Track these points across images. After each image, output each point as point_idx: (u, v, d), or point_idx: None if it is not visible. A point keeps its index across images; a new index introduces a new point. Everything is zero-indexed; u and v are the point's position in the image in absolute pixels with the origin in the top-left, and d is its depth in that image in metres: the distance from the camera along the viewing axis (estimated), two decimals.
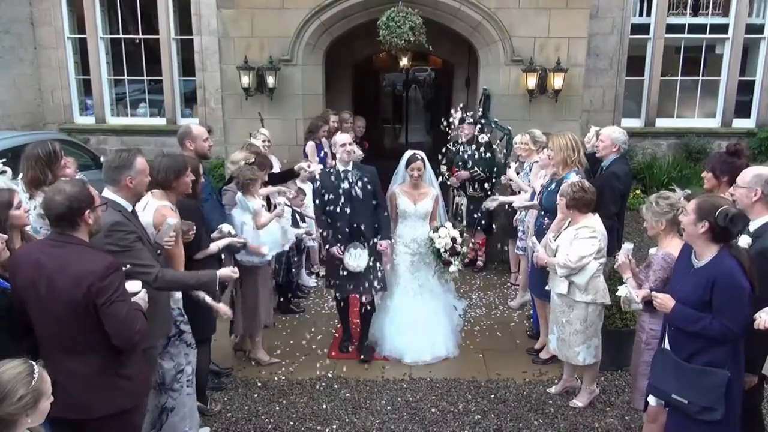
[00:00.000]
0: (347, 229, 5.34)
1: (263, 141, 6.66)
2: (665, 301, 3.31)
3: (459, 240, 5.44)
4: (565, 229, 4.63)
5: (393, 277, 5.70)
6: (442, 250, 5.39)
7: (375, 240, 5.43)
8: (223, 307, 4.12)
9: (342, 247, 5.36)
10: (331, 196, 5.31)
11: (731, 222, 3.11)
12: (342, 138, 5.48)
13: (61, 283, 2.84)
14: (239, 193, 5.09)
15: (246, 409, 4.83)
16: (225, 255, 4.62)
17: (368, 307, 5.60)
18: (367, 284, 5.43)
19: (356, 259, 5.33)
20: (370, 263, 5.40)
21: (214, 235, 4.48)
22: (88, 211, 2.94)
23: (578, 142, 5.15)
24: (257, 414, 4.76)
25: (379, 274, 5.46)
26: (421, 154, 5.57)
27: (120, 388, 3.04)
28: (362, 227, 5.36)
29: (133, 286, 3.12)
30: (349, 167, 5.38)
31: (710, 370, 3.19)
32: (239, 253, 4.85)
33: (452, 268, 5.52)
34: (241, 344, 5.65)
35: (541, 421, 4.67)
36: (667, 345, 3.41)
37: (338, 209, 5.30)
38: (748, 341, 3.21)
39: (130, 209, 3.48)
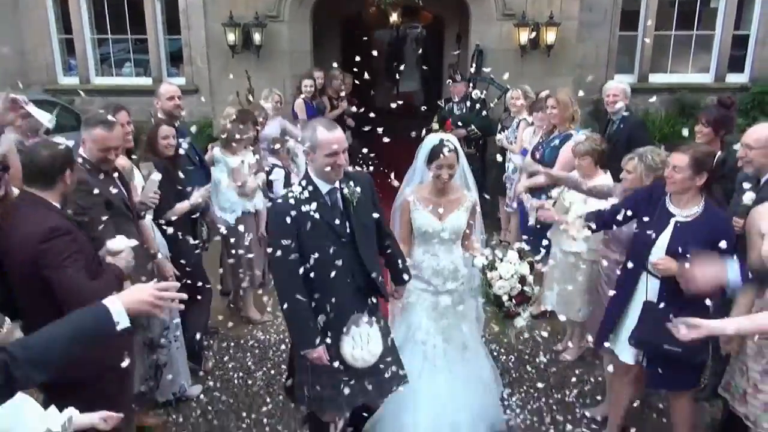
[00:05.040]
0: (350, 296, 3.14)
1: (276, 102, 6.59)
2: (668, 264, 3.23)
3: (530, 278, 3.48)
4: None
5: (404, 329, 3.78)
6: (505, 297, 3.47)
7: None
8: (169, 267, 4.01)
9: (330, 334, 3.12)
10: (311, 241, 3.00)
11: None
12: (331, 137, 2.98)
13: (11, 243, 2.71)
14: (216, 149, 5.04)
15: (239, 367, 4.85)
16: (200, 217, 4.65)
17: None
18: (379, 382, 3.24)
19: (365, 344, 3.12)
20: (387, 343, 3.27)
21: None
22: (69, 170, 2.84)
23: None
24: (249, 372, 4.78)
25: (396, 354, 3.37)
26: (454, 141, 3.62)
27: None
28: (371, 274, 3.20)
29: (116, 243, 3.01)
30: (337, 184, 3.14)
31: (698, 315, 3.18)
32: (213, 211, 4.86)
33: (519, 322, 3.55)
34: (235, 300, 5.65)
35: (532, 374, 4.71)
36: (648, 297, 3.39)
37: (330, 264, 3.02)
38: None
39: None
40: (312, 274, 3.02)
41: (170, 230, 4.01)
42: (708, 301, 3.14)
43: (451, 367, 3.74)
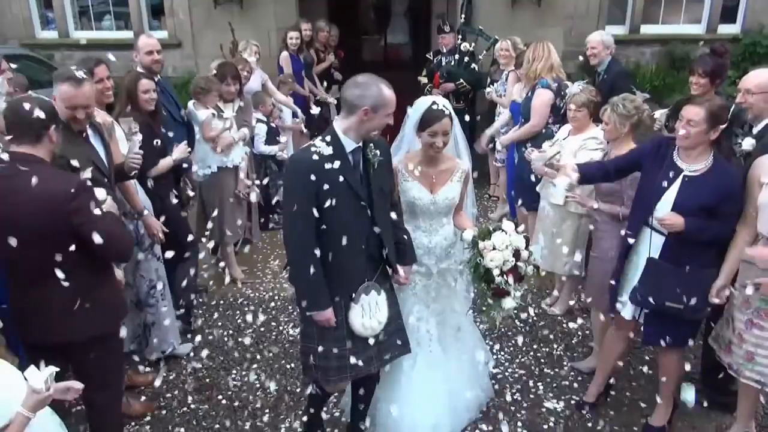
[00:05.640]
0: (362, 262, 3.03)
1: (255, 53, 6.46)
2: (675, 220, 3.16)
3: (525, 253, 3.16)
4: (565, 138, 4.49)
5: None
6: (496, 272, 3.13)
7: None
8: (156, 224, 3.94)
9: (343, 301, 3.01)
10: (332, 201, 2.81)
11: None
12: (393, 97, 2.88)
13: (28, 208, 2.63)
14: (190, 103, 4.96)
15: (228, 324, 4.86)
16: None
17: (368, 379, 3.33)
18: (382, 350, 3.15)
19: (374, 313, 3.04)
20: (393, 310, 3.18)
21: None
22: (54, 126, 2.77)
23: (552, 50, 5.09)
24: (239, 329, 4.79)
25: (400, 324, 3.25)
26: (447, 105, 3.26)
27: (98, 311, 2.87)
28: (386, 246, 3.07)
29: (98, 194, 2.96)
30: (360, 144, 2.95)
31: (700, 272, 3.22)
32: (190, 169, 4.78)
33: (508, 303, 3.19)
34: (222, 258, 5.62)
35: (521, 328, 4.75)
36: (652, 254, 3.33)
37: (346, 227, 2.89)
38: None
39: None
40: (326, 236, 2.87)
41: (153, 188, 3.96)
42: None
43: (446, 352, 3.57)
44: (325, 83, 7.83)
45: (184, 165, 4.54)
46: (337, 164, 2.80)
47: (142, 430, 3.77)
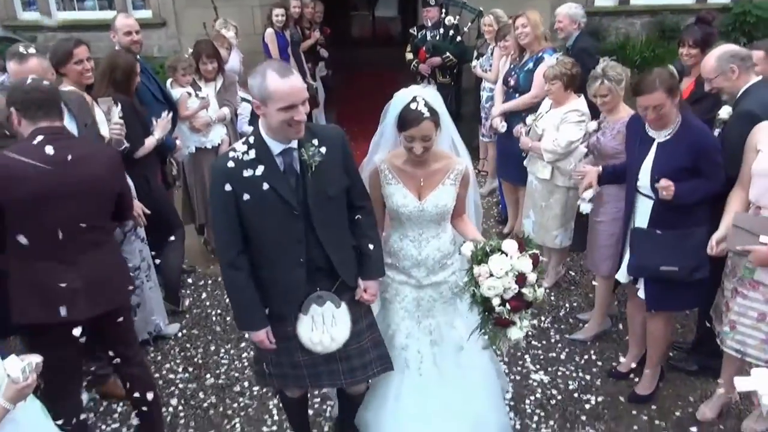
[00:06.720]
0: (304, 277, 2.68)
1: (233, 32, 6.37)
2: (668, 186, 3.15)
3: (532, 277, 2.63)
4: (547, 112, 4.46)
5: (382, 329, 3.06)
6: (497, 301, 2.64)
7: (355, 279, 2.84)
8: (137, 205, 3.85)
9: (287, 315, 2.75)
10: (254, 212, 2.56)
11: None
12: (286, 86, 2.41)
13: (95, 172, 2.77)
14: (168, 83, 4.95)
15: (216, 304, 4.86)
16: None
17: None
18: (354, 365, 2.84)
19: (328, 327, 2.72)
20: (361, 325, 2.85)
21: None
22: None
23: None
24: (227, 308, 4.78)
25: (377, 338, 2.93)
26: (431, 102, 2.73)
27: (127, 271, 3.21)
28: (332, 259, 2.71)
29: None
30: (293, 143, 2.58)
31: (690, 231, 3.23)
32: (175, 149, 4.71)
33: (515, 334, 2.70)
34: (208, 238, 5.59)
35: None
36: (640, 224, 3.38)
37: (276, 240, 2.62)
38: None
39: None
40: (256, 248, 2.63)
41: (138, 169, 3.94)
42: None
43: (443, 377, 3.07)
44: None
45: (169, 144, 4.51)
46: (260, 170, 2.52)
47: (130, 410, 3.76)
